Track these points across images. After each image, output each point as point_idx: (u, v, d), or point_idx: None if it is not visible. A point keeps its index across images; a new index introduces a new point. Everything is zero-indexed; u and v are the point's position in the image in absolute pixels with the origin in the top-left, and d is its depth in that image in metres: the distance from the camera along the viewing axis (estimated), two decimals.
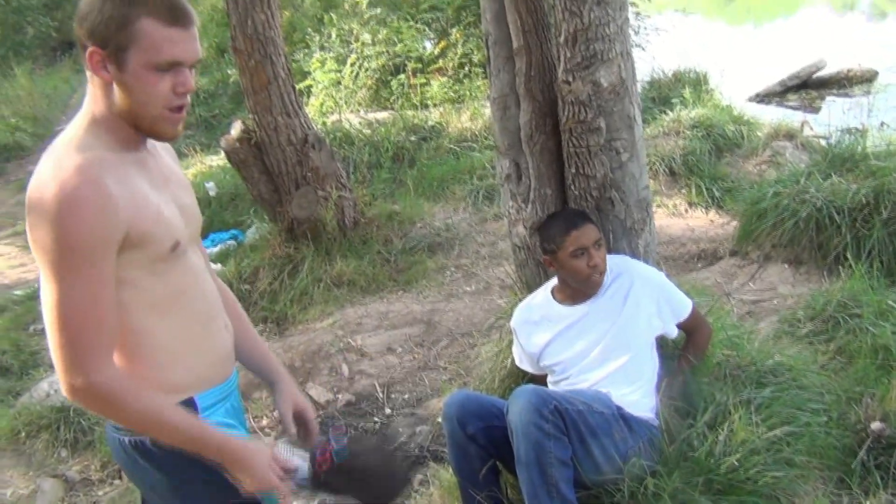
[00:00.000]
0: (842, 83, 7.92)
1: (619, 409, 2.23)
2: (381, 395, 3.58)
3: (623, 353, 2.34)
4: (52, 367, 3.95)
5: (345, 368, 3.83)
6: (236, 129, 4.83)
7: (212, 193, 6.35)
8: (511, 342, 2.70)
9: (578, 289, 2.42)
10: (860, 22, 12.59)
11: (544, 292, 2.55)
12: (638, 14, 8.38)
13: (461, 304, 4.34)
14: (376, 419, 3.39)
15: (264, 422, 3.52)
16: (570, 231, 2.34)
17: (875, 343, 2.90)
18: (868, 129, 4.80)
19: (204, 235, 5.71)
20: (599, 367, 2.35)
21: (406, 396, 3.57)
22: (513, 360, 2.71)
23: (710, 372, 2.55)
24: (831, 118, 5.58)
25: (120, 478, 3.24)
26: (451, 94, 7.84)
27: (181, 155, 8.67)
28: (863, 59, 8.20)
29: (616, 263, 2.48)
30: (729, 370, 2.57)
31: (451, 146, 6.58)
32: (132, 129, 1.37)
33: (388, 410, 3.46)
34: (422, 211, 5.48)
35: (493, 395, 2.80)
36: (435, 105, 7.65)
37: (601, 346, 2.35)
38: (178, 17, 1.33)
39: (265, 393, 3.69)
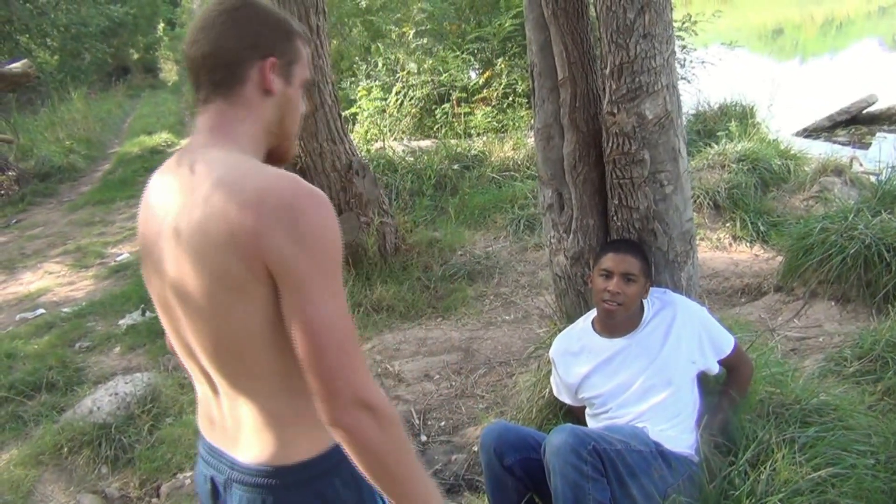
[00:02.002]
0: (893, 119, 7.79)
1: (657, 445, 2.19)
2: (417, 421, 3.57)
3: (663, 389, 2.31)
4: (96, 383, 4.04)
5: None
6: None
7: None
8: (549, 372, 2.68)
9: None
10: None
11: (584, 323, 2.54)
12: (684, 47, 8.37)
13: (500, 332, 4.32)
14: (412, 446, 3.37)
15: None
16: (608, 252, 2.40)
17: None
18: None
19: None
20: (639, 401, 2.32)
21: (442, 424, 3.55)
22: (551, 391, 2.69)
23: (752, 409, 2.50)
24: (882, 154, 5.49)
25: (158, 496, 3.28)
26: (495, 123, 7.89)
27: None
28: None
29: (658, 297, 2.46)
30: (772, 408, 2.52)
31: (494, 175, 6.61)
32: (264, 151, 1.35)
33: (423, 437, 3.44)
34: (462, 239, 5.50)
35: (530, 425, 2.78)
36: (478, 134, 7.70)
37: (641, 380, 2.33)
38: (308, 41, 1.37)
39: None
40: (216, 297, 1.21)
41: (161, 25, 30.60)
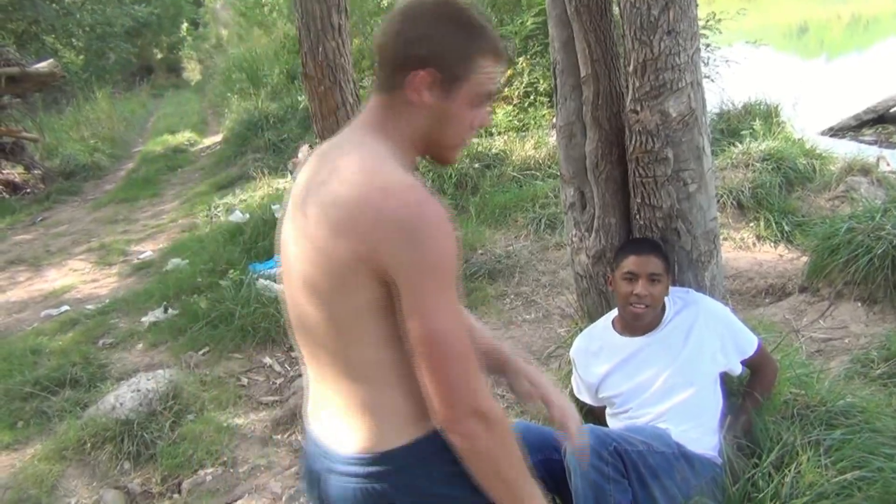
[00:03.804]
0: None
1: (679, 446, 2.17)
2: None
3: (686, 388, 2.28)
4: (119, 380, 4.07)
5: None
6: (303, 152, 4.94)
7: (278, 215, 6.46)
8: (570, 372, 2.66)
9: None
10: None
11: (605, 322, 2.52)
12: (708, 45, 8.29)
13: (520, 331, 4.30)
14: None
15: None
16: (630, 255, 2.36)
17: None
18: None
19: (268, 256, 5.83)
20: (661, 401, 2.30)
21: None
22: (572, 391, 2.67)
23: (776, 411, 2.47)
24: None
25: (179, 492, 3.29)
26: (516, 122, 7.86)
27: (249, 178, 8.89)
28: None
29: (681, 296, 2.44)
30: (797, 409, 2.48)
31: (515, 174, 6.58)
32: (417, 152, 1.37)
33: None
34: (483, 238, 5.48)
35: (550, 425, 2.76)
36: (499, 133, 7.67)
37: (662, 379, 2.30)
38: (502, 57, 1.36)
39: None
40: (327, 277, 1.24)
41: (185, 25, 30.84)
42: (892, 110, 7.82)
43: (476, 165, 6.71)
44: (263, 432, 3.70)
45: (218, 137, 13.14)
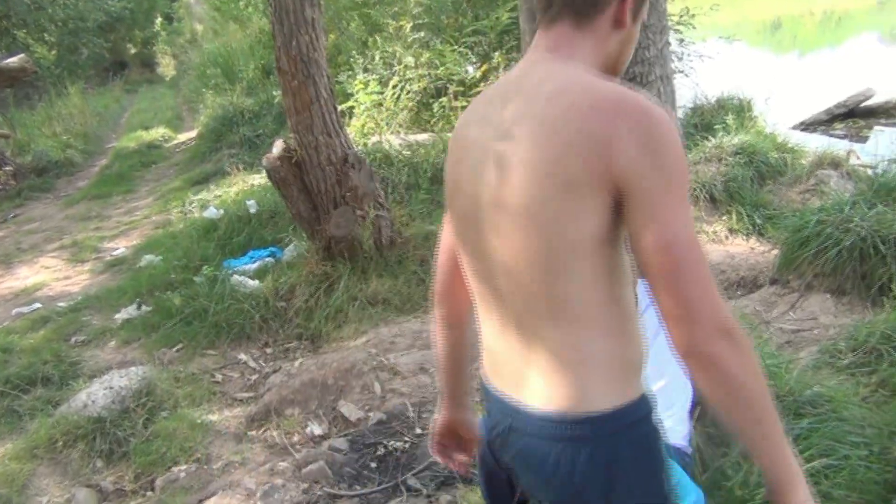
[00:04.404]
0: (890, 113, 7.78)
1: None
2: (412, 414, 3.56)
3: (656, 380, 2.29)
4: (91, 377, 4.03)
5: (377, 387, 3.83)
6: (278, 147, 4.91)
7: (252, 211, 6.44)
8: None
9: None
10: None
11: None
12: (682, 41, 8.35)
13: None
14: (407, 438, 3.37)
15: (295, 438, 3.53)
16: None
17: None
18: None
19: (243, 252, 5.81)
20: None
21: (437, 416, 3.54)
22: None
23: None
24: (878, 148, 5.48)
25: (152, 490, 3.27)
26: None
27: (224, 174, 8.84)
28: None
29: (648, 291, 2.45)
30: None
31: None
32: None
33: (418, 430, 3.44)
34: None
35: None
36: None
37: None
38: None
39: (297, 409, 3.71)
40: (549, 202, 1.13)
41: (159, 20, 30.51)
42: (862, 105, 7.92)
43: None
44: (238, 429, 3.69)
45: (193, 133, 13.04)
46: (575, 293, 1.18)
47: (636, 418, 1.24)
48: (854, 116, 7.91)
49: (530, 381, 1.26)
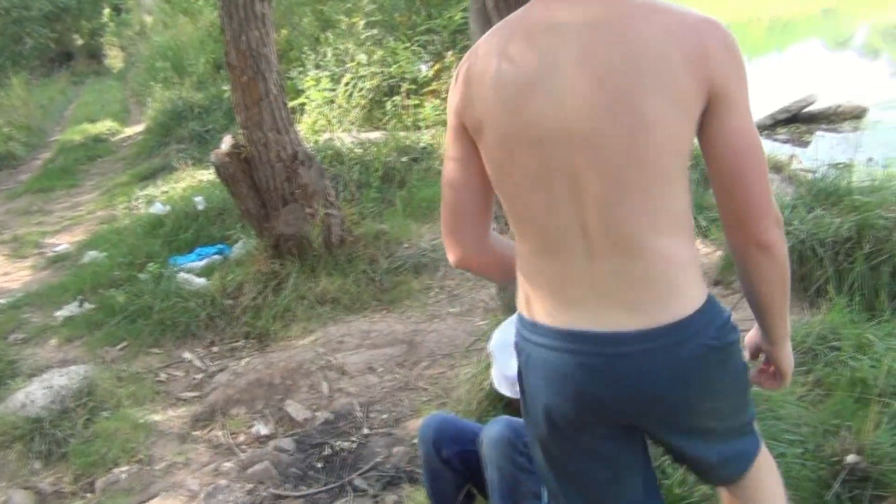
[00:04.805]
0: (831, 118, 7.99)
1: None
2: (359, 414, 3.56)
3: None
4: (30, 376, 3.93)
5: (325, 386, 3.81)
6: (226, 143, 4.84)
7: (200, 207, 6.35)
8: (489, 365, 2.68)
9: None
10: (852, 59, 12.73)
11: None
12: None
13: (444, 325, 4.33)
14: (354, 438, 3.36)
15: (241, 438, 3.49)
16: None
17: (853, 376, 2.90)
18: (854, 165, 4.83)
19: (190, 249, 5.73)
20: None
21: (385, 416, 3.54)
22: (491, 384, 2.70)
23: None
24: (819, 153, 5.62)
25: (92, 491, 3.21)
26: (444, 116, 7.86)
27: (172, 169, 8.70)
28: (853, 95, 8.28)
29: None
30: None
31: (442, 168, 6.59)
32: None
33: (366, 430, 3.43)
34: (409, 231, 5.49)
35: (470, 417, 2.79)
36: (427, 127, 7.68)
37: None
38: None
39: (243, 409, 3.67)
40: (666, 117, 1.22)
41: (107, 11, 29.82)
42: (804, 110, 8.11)
43: (403, 159, 6.71)
44: (182, 429, 3.63)
45: (140, 127, 12.79)
46: (677, 202, 1.31)
47: (719, 310, 1.36)
48: (797, 122, 8.10)
49: (636, 297, 1.30)
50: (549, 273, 1.37)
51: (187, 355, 4.41)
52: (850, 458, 2.44)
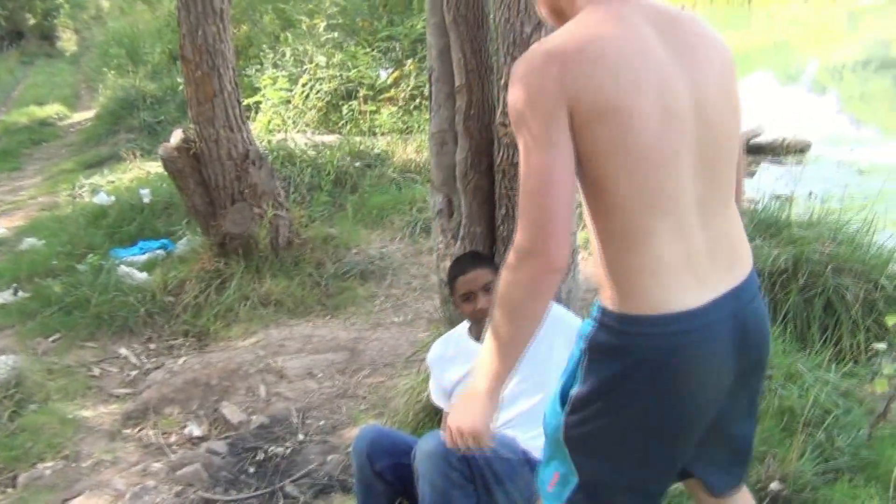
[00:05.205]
0: (777, 151, 8.20)
1: (525, 453, 2.23)
2: (296, 419, 3.52)
3: (534, 395, 2.34)
4: None
5: (262, 390, 3.77)
6: (176, 137, 4.77)
7: (146, 200, 6.23)
8: (428, 377, 2.69)
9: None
10: (800, 94, 13.10)
11: (461, 329, 2.56)
12: None
13: (387, 333, 4.32)
14: (288, 444, 3.33)
15: (172, 438, 3.43)
16: (458, 277, 2.38)
17: (782, 405, 2.97)
18: (795, 198, 4.97)
19: (133, 242, 5.61)
20: (509, 407, 2.34)
21: (321, 423, 3.52)
22: (428, 395, 2.71)
23: None
24: (763, 183, 5.76)
25: (14, 487, 3.11)
26: (400, 124, 7.88)
27: (120, 159, 8.52)
28: (799, 129, 8.52)
29: None
30: None
31: (395, 176, 6.59)
32: None
33: (301, 436, 3.40)
34: (358, 237, 5.47)
35: (406, 428, 2.79)
36: (383, 133, 7.67)
37: (512, 385, 2.35)
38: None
39: (177, 409, 3.61)
40: (737, 114, 1.50)
41: None
42: (752, 141, 8.31)
43: (357, 164, 6.69)
44: (112, 426, 3.55)
45: (90, 113, 12.51)
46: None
47: None
48: (744, 151, 8.29)
49: (740, 253, 1.52)
50: (671, 252, 1.40)
51: (123, 351, 4.31)
52: (774, 486, 2.50)
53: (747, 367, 1.51)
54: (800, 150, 8.15)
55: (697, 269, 1.42)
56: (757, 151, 8.24)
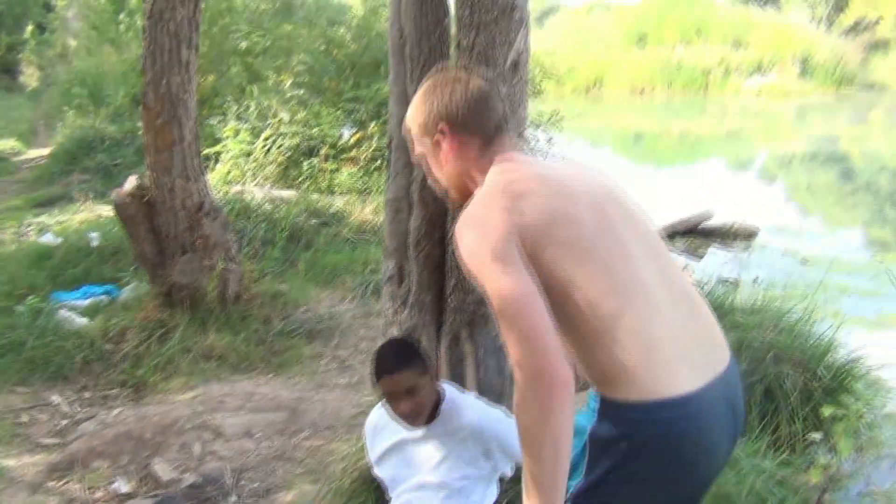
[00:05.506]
0: (725, 236, 8.40)
1: None
2: (229, 480, 3.42)
3: (449, 486, 2.25)
4: None
5: (197, 447, 3.66)
6: (131, 183, 4.72)
7: (94, 244, 6.12)
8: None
9: None
10: (750, 181, 13.52)
11: None
12: (550, 139, 8.77)
13: (331, 395, 4.25)
14: None
15: (98, 494, 3.30)
16: (382, 376, 2.23)
17: (718, 491, 2.97)
18: (741, 284, 5.09)
19: (77, 286, 5.48)
20: (425, 495, 2.26)
21: (255, 485, 3.42)
22: (367, 463, 2.65)
23: None
24: (711, 267, 5.89)
25: None
26: (359, 184, 7.93)
27: (71, 200, 8.38)
28: (747, 216, 8.76)
29: (453, 397, 2.35)
30: None
31: (350, 235, 6.60)
32: None
33: (233, 498, 3.30)
34: (308, 295, 5.43)
35: (342, 496, 2.73)
36: (341, 193, 7.71)
37: (428, 473, 2.27)
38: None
39: (106, 462, 3.49)
40: (642, 213, 1.69)
41: (30, 27, 28.96)
42: (702, 225, 8.53)
43: (313, 221, 6.68)
44: (35, 477, 3.41)
45: (45, 151, 12.32)
46: None
47: None
48: (694, 234, 8.49)
49: (717, 335, 1.62)
50: (652, 336, 1.49)
51: (55, 398, 4.17)
52: None
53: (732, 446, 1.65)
54: (747, 235, 8.36)
55: (683, 351, 1.51)
56: (706, 235, 8.44)
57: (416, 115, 1.80)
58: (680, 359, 1.49)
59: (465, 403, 2.34)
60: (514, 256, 1.46)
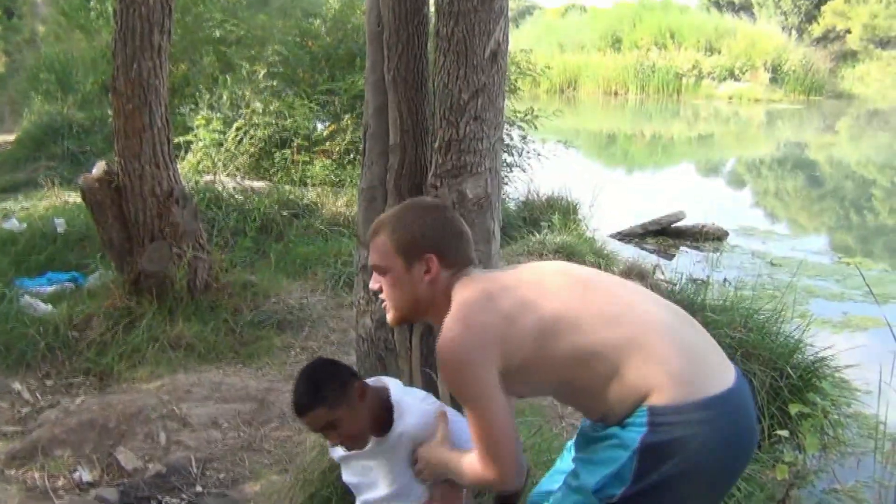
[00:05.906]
0: (696, 237, 8.48)
1: None
2: (195, 470, 3.38)
3: (401, 493, 2.19)
4: None
5: (162, 437, 3.61)
6: (99, 169, 4.64)
7: (59, 230, 6.01)
8: None
9: None
10: (720, 185, 13.67)
11: None
12: (524, 137, 8.77)
13: None
14: (184, 496, 3.18)
15: (60, 482, 3.23)
16: (299, 416, 2.09)
17: None
18: (711, 283, 5.14)
19: (41, 273, 5.38)
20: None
21: (222, 475, 3.38)
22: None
23: None
24: (680, 266, 5.93)
25: None
26: (332, 177, 7.88)
27: (37, 186, 8.23)
28: (717, 218, 8.86)
29: (397, 399, 2.18)
30: None
31: (322, 227, 6.55)
32: None
33: (198, 488, 3.26)
34: (279, 286, 5.38)
35: (310, 487, 2.70)
36: (314, 185, 7.65)
37: (381, 483, 2.17)
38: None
39: (68, 451, 3.42)
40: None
41: None
42: (673, 225, 8.61)
43: (284, 213, 6.62)
44: None
45: (11, 137, 12.09)
46: None
47: None
48: (665, 235, 8.56)
49: (720, 353, 1.72)
50: (686, 343, 1.66)
51: (17, 386, 4.09)
52: None
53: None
54: (717, 237, 8.46)
55: (707, 356, 1.68)
56: (678, 235, 8.52)
57: (398, 231, 1.87)
58: (706, 361, 1.65)
59: (404, 407, 2.17)
60: (499, 388, 1.67)
